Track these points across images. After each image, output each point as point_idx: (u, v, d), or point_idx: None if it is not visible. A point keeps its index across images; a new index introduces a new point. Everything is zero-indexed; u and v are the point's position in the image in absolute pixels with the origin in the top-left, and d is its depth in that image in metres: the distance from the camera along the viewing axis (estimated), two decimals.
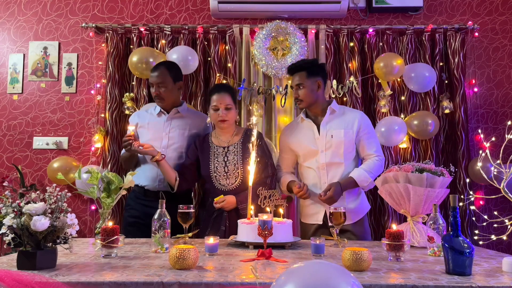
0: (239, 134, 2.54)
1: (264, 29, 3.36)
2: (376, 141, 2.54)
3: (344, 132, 2.46)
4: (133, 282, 1.28)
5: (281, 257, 1.70)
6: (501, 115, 3.51)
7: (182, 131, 2.60)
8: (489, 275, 1.41)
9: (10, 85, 3.55)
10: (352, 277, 0.90)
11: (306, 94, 2.49)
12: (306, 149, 2.52)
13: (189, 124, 2.63)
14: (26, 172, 3.48)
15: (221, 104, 2.44)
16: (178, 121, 2.63)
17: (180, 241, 2.01)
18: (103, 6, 3.61)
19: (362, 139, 2.49)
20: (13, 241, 1.43)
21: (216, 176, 2.45)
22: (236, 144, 2.50)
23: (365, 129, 2.50)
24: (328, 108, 2.52)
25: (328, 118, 2.51)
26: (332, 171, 2.46)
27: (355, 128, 2.48)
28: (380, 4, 3.47)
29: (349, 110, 2.64)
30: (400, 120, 3.25)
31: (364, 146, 2.49)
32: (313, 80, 2.50)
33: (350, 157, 2.49)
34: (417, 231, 2.00)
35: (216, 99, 2.45)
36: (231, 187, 2.43)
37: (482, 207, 3.34)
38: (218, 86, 2.66)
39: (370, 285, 1.27)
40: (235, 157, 2.46)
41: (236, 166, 2.44)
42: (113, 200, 1.95)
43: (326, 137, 2.48)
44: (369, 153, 2.48)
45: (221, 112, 2.43)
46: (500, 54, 3.55)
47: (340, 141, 2.45)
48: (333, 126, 2.49)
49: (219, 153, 2.49)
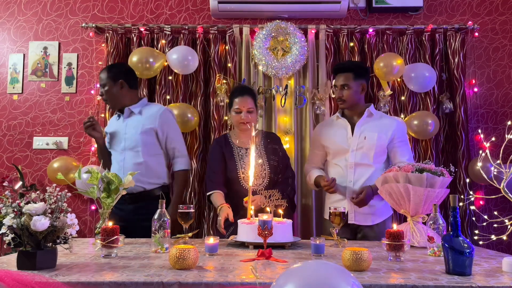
0: (259, 136, 2.61)
1: (264, 29, 3.36)
2: (409, 149, 2.57)
3: (378, 136, 2.49)
4: (133, 282, 1.29)
5: (281, 257, 1.70)
6: (501, 115, 3.51)
7: (135, 130, 2.58)
8: (489, 275, 1.41)
9: (10, 85, 3.55)
10: (352, 277, 0.90)
11: (350, 95, 2.53)
12: (337, 146, 2.57)
13: (141, 121, 2.59)
14: (26, 172, 3.48)
15: (244, 107, 2.50)
16: (132, 120, 2.62)
17: (180, 241, 2.01)
18: (103, 6, 3.61)
19: (396, 146, 2.52)
20: (13, 241, 1.43)
21: (244, 177, 2.48)
22: (258, 145, 2.57)
23: (400, 137, 2.53)
24: (366, 110, 2.56)
25: (365, 120, 2.56)
26: (359, 171, 2.49)
27: (389, 134, 2.51)
28: (380, 4, 3.46)
29: (387, 116, 2.69)
30: (401, 120, 3.25)
31: (397, 153, 2.51)
32: (358, 82, 2.55)
33: (380, 161, 2.52)
34: (417, 231, 2.00)
35: (239, 102, 2.51)
36: (259, 187, 2.47)
37: (482, 207, 3.34)
38: (240, 89, 2.66)
39: (370, 285, 1.27)
40: (260, 158, 2.52)
41: (263, 167, 2.50)
42: (113, 200, 1.95)
43: (359, 138, 2.52)
44: (401, 160, 2.48)
45: (243, 115, 2.50)
46: (500, 54, 3.55)
47: (372, 143, 2.48)
48: (368, 128, 2.53)
49: (242, 154, 2.54)
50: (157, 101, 3.33)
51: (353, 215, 2.48)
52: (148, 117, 2.60)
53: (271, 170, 2.51)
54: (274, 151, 2.57)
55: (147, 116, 2.61)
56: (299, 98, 3.39)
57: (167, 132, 2.61)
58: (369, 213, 2.47)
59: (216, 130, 3.34)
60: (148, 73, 3.27)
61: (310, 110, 3.38)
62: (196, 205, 3.31)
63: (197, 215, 3.32)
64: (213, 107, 3.37)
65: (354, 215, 2.48)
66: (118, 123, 2.67)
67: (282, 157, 2.57)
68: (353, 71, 2.54)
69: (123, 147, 2.58)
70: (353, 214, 2.48)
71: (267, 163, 2.52)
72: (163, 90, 3.37)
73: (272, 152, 2.56)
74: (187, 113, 3.24)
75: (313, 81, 3.40)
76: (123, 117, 2.64)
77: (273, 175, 2.51)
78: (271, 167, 2.51)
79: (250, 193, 2.13)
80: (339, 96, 2.56)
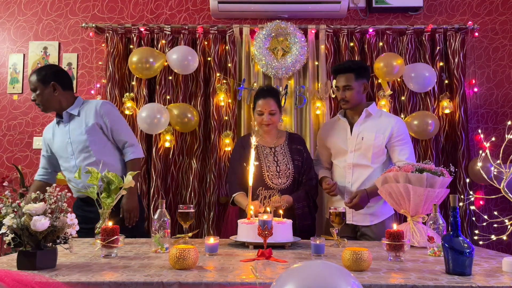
0: (283, 136, 2.65)
1: (264, 29, 3.36)
2: (409, 148, 2.53)
3: (375, 136, 2.49)
4: (133, 282, 1.28)
5: (281, 257, 1.70)
6: (501, 115, 3.51)
7: (79, 130, 2.44)
8: (489, 275, 1.41)
9: (10, 85, 3.55)
10: (352, 277, 0.90)
11: (353, 96, 2.53)
12: (337, 147, 2.59)
13: (83, 120, 2.46)
14: (26, 172, 3.48)
15: (266, 110, 2.53)
16: (74, 122, 2.47)
17: (180, 241, 2.01)
18: (103, 6, 3.61)
19: (394, 145, 2.50)
20: (13, 241, 1.43)
21: (269, 175, 2.51)
22: (283, 145, 2.60)
23: (399, 136, 2.50)
24: (364, 110, 2.55)
25: (363, 120, 2.55)
26: (357, 172, 2.50)
27: (387, 133, 2.49)
28: (380, 4, 3.47)
29: (387, 115, 2.66)
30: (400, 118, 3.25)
31: (396, 152, 2.50)
32: (360, 82, 2.55)
33: (379, 161, 2.51)
34: (417, 231, 2.00)
35: (261, 104, 2.55)
36: (283, 186, 2.50)
37: (482, 207, 3.34)
38: (263, 91, 2.65)
39: (370, 285, 1.27)
40: (284, 158, 2.55)
41: (287, 166, 2.53)
42: (113, 200, 1.95)
43: (357, 138, 2.52)
44: (400, 159, 2.46)
45: (265, 117, 2.53)
46: (500, 54, 3.55)
47: (369, 144, 2.48)
48: (365, 129, 2.53)
49: (267, 153, 2.58)
50: (157, 101, 3.33)
51: (351, 215, 2.48)
52: (88, 114, 2.46)
53: (295, 170, 2.53)
54: (299, 151, 2.59)
55: (87, 113, 2.46)
56: (299, 98, 3.39)
57: (111, 124, 2.47)
58: (366, 213, 2.47)
59: (216, 130, 3.34)
60: (148, 73, 3.27)
61: (310, 110, 3.39)
62: (196, 205, 3.31)
63: (197, 215, 3.32)
64: (213, 107, 3.37)
65: (352, 215, 2.48)
66: (60, 129, 2.51)
67: (306, 158, 2.59)
68: (355, 71, 2.53)
69: (71, 152, 2.45)
70: (351, 214, 2.48)
71: (292, 163, 2.54)
72: (163, 90, 3.37)
73: (297, 152, 2.58)
74: (187, 113, 3.24)
75: (313, 81, 3.40)
76: (63, 122, 2.49)
77: (297, 175, 2.54)
78: (295, 167, 2.53)
79: (250, 193, 2.13)
80: (342, 97, 2.56)
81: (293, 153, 2.57)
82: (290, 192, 2.48)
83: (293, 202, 2.43)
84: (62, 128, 2.50)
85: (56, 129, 2.54)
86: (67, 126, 2.48)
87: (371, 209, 2.47)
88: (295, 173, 2.53)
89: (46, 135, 2.58)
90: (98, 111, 2.45)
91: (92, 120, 2.44)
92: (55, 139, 2.52)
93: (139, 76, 3.33)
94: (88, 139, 2.42)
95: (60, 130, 2.52)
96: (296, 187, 2.53)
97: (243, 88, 3.36)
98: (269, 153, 2.57)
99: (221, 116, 3.38)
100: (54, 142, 2.52)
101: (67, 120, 2.49)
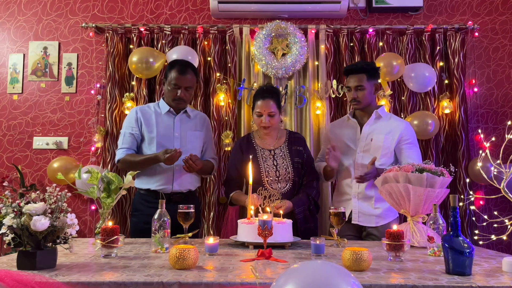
0: (283, 137, 2.59)
1: (264, 29, 3.36)
2: (417, 152, 2.55)
3: (384, 138, 2.50)
4: (133, 282, 1.28)
5: (281, 257, 1.70)
6: (501, 115, 3.51)
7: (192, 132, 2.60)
8: (489, 275, 1.41)
9: (10, 85, 3.55)
10: (352, 277, 0.90)
11: (365, 96, 2.53)
12: (345, 147, 2.58)
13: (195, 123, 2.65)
14: (26, 172, 3.48)
15: (265, 111, 2.46)
16: (186, 120, 2.62)
17: (180, 241, 2.01)
18: (103, 6, 3.61)
19: (403, 148, 2.52)
20: (13, 241, 1.43)
21: (268, 180, 2.46)
22: (282, 147, 2.54)
23: (407, 139, 2.52)
24: (374, 112, 2.56)
25: (373, 121, 2.56)
26: (363, 173, 2.48)
27: (396, 136, 2.51)
28: (380, 4, 3.46)
29: (396, 118, 2.67)
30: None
31: (404, 155, 2.51)
32: (372, 82, 2.55)
33: (386, 163, 2.51)
34: (417, 231, 2.00)
35: (260, 105, 2.47)
36: (282, 191, 2.44)
37: (482, 207, 3.34)
38: (263, 91, 2.56)
39: (370, 285, 1.27)
40: (284, 161, 2.49)
41: (287, 170, 2.47)
42: (113, 200, 1.95)
43: (366, 139, 2.53)
44: (408, 162, 2.45)
45: (264, 119, 2.46)
46: (500, 54, 3.55)
47: (378, 146, 2.49)
48: (375, 130, 2.53)
49: (266, 156, 2.51)
50: (157, 101, 3.32)
51: (357, 216, 2.48)
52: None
53: (295, 173, 2.47)
54: (299, 153, 2.53)
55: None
56: (299, 98, 3.39)
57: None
58: (373, 214, 2.47)
59: (216, 130, 3.34)
60: (148, 73, 3.27)
61: (310, 110, 3.39)
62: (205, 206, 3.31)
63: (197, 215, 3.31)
64: (213, 107, 3.37)
65: (358, 215, 2.48)
66: (167, 118, 2.57)
67: (306, 159, 2.54)
68: (367, 71, 2.54)
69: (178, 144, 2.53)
70: (357, 215, 2.48)
71: (291, 166, 2.48)
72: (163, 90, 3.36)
73: (297, 154, 2.52)
74: None
75: (313, 81, 3.40)
76: (175, 114, 2.59)
77: (297, 178, 2.49)
78: (295, 170, 2.48)
79: (250, 192, 2.13)
80: (353, 97, 2.55)
81: (293, 156, 2.51)
82: (290, 196, 2.44)
83: (293, 207, 2.38)
84: (172, 119, 2.59)
85: (159, 116, 2.58)
86: (179, 121, 2.58)
87: (378, 211, 2.47)
88: (295, 177, 2.48)
89: (145, 117, 2.57)
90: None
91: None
92: (158, 124, 2.55)
93: (139, 76, 3.32)
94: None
95: (167, 119, 2.59)
96: (296, 191, 2.49)
97: (243, 88, 3.36)
98: (268, 156, 2.51)
99: (221, 116, 3.38)
100: (154, 126, 2.54)
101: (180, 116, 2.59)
